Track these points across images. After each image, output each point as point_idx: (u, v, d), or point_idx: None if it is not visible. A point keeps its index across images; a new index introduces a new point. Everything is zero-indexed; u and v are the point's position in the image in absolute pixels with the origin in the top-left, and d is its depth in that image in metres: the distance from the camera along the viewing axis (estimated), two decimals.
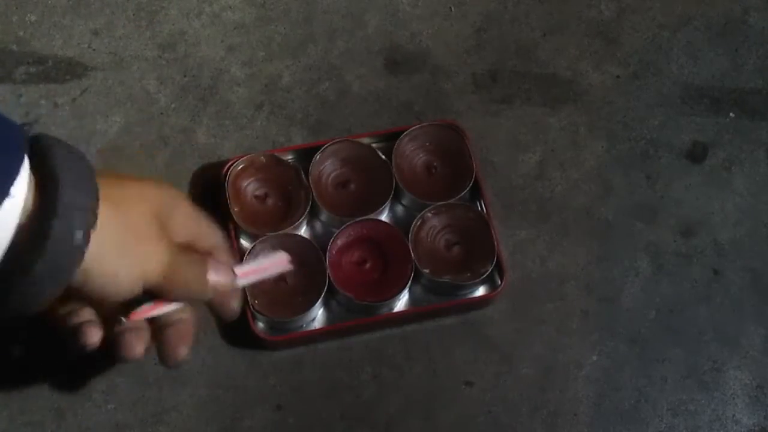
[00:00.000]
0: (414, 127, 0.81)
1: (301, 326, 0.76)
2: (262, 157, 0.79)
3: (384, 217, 0.80)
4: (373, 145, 0.81)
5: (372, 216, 0.78)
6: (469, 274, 0.77)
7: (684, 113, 0.87)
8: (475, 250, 0.78)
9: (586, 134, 0.85)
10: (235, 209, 0.77)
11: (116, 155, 0.82)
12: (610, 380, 0.77)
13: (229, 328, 0.77)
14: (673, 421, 0.76)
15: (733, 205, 0.83)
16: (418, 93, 0.86)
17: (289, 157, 0.81)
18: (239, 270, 0.67)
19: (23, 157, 0.53)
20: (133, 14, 0.87)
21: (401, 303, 0.78)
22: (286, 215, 0.78)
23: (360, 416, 0.75)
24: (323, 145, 0.79)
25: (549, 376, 0.77)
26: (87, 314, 0.63)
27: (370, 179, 0.80)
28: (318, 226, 0.80)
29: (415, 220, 0.78)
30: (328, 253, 0.76)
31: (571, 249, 0.81)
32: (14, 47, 0.85)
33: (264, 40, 0.87)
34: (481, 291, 0.78)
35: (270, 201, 0.79)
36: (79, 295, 0.58)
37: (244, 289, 0.75)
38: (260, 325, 0.76)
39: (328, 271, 0.75)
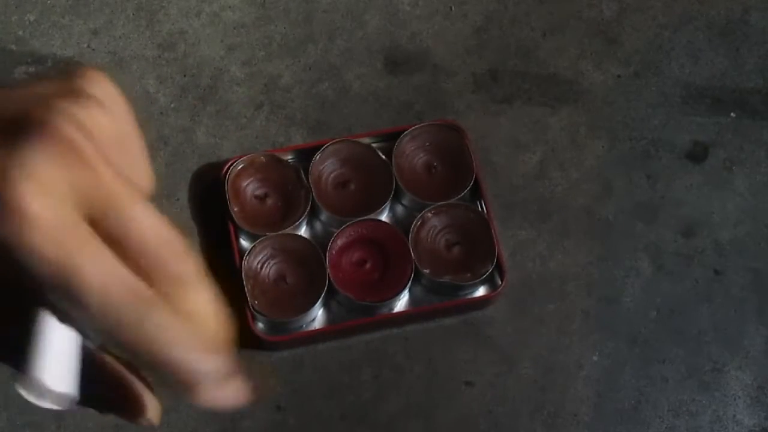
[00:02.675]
0: (414, 127, 0.81)
1: (301, 326, 0.76)
2: (262, 157, 0.79)
3: (384, 217, 0.80)
4: (373, 145, 0.81)
5: (372, 216, 0.78)
6: (469, 275, 0.76)
7: (685, 113, 0.86)
8: (475, 250, 0.78)
9: (586, 134, 0.85)
10: (235, 209, 0.77)
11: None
12: (611, 380, 0.77)
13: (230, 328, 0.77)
14: (674, 422, 0.76)
15: (734, 205, 0.83)
16: (418, 93, 0.86)
17: (289, 157, 0.81)
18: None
19: None
20: (133, 14, 0.87)
21: (401, 303, 0.78)
22: (286, 215, 0.78)
23: (360, 416, 0.75)
24: (323, 145, 0.79)
25: (549, 376, 0.77)
26: None
27: (370, 179, 0.80)
28: (318, 226, 0.80)
29: (415, 220, 0.78)
30: (328, 253, 0.76)
31: (571, 249, 0.81)
32: (13, 47, 0.85)
33: (264, 39, 0.87)
34: (481, 291, 0.78)
35: (270, 201, 0.79)
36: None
37: (243, 290, 0.75)
38: (260, 325, 0.75)
39: (328, 271, 0.75)
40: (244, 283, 0.75)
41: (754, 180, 0.84)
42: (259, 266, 0.76)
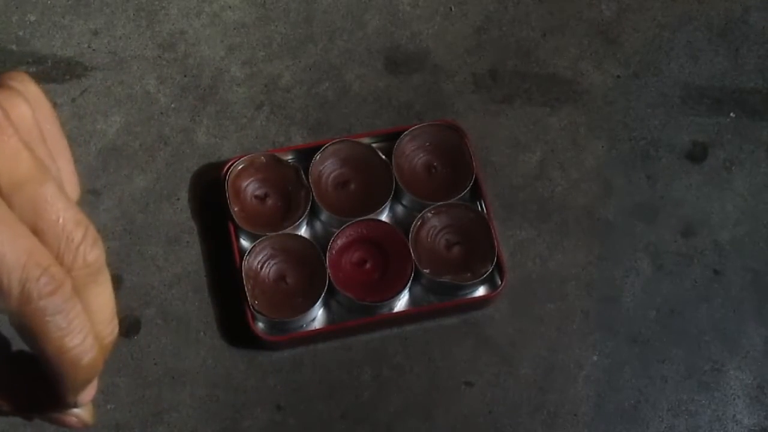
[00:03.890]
0: (414, 127, 0.81)
1: (301, 326, 0.76)
2: (262, 157, 0.79)
3: (384, 217, 0.80)
4: (373, 145, 0.81)
5: (372, 216, 0.78)
6: (469, 274, 0.76)
7: (684, 113, 0.86)
8: (475, 250, 0.78)
9: (586, 134, 0.85)
10: (235, 209, 0.77)
11: (116, 155, 0.82)
12: (611, 380, 0.77)
13: (229, 328, 0.77)
14: (674, 422, 0.76)
15: (734, 205, 0.83)
16: (418, 93, 0.86)
17: (289, 157, 0.81)
18: None
19: None
20: (133, 14, 0.87)
21: (401, 303, 0.78)
22: (286, 215, 0.78)
23: (360, 416, 0.75)
24: (323, 145, 0.79)
25: (549, 376, 0.77)
26: None
27: (370, 179, 0.80)
28: (318, 226, 0.80)
29: (415, 220, 0.78)
30: (328, 253, 0.76)
31: (571, 249, 0.81)
32: (14, 47, 0.85)
33: (264, 40, 0.87)
34: (481, 291, 0.78)
35: (270, 201, 0.79)
36: None
37: (243, 290, 0.75)
38: (260, 325, 0.75)
39: (328, 271, 0.75)
40: (244, 283, 0.75)
41: (754, 180, 0.84)
42: (259, 266, 0.76)
